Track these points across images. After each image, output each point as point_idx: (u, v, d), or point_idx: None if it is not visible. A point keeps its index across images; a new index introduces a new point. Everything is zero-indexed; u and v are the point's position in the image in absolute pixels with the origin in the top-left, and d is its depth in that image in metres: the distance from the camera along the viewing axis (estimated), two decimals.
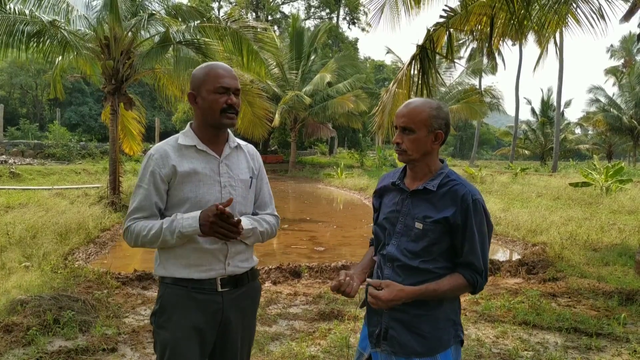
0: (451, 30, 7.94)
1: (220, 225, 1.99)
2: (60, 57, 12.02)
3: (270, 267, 6.82)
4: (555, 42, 9.84)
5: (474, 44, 33.13)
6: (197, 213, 2.03)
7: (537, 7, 7.45)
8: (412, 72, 8.04)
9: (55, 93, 13.85)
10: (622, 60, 50.44)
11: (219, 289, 2.13)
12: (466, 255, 1.97)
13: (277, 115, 26.50)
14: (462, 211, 1.95)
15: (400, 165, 2.22)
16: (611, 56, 51.90)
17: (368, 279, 2.05)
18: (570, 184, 17.10)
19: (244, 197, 2.23)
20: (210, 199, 2.12)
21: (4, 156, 24.42)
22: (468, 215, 1.95)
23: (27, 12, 10.40)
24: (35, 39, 10.71)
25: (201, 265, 2.10)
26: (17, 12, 10.23)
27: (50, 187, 15.50)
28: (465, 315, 5.07)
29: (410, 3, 8.51)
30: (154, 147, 2.18)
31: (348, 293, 2.01)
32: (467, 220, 1.95)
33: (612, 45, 52.67)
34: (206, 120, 2.16)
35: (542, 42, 9.46)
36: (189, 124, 2.25)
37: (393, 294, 1.92)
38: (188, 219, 2.02)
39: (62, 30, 10.76)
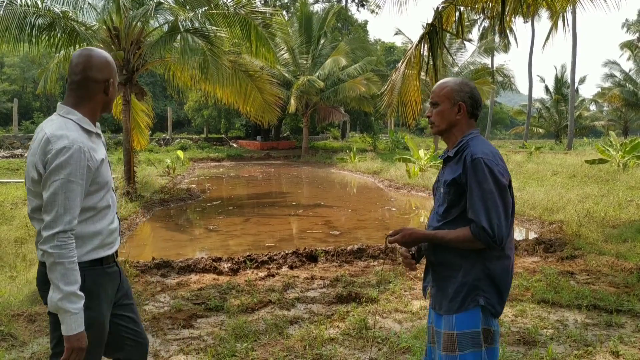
0: (461, 8, 7.82)
1: None
2: (62, 52, 11.99)
3: (286, 251, 6.85)
4: (570, 17, 9.67)
5: (486, 23, 32.73)
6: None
7: None
8: (421, 51, 7.95)
9: (49, 88, 13.81)
10: (637, 34, 49.36)
11: (116, 259, 2.31)
12: (468, 211, 2.10)
13: (292, 101, 26.38)
14: (465, 171, 2.11)
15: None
16: (627, 30, 50.81)
17: (390, 233, 2.25)
18: (586, 161, 16.88)
19: None
20: (110, 179, 2.22)
21: (19, 150, 24.72)
22: (468, 174, 2.09)
23: (39, 2, 10.38)
24: (46, 32, 10.75)
25: (112, 243, 2.25)
26: (27, 4, 10.21)
27: None
28: None
29: None
30: (74, 138, 2.00)
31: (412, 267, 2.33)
32: (467, 178, 2.10)
33: (627, 20, 51.57)
34: (103, 108, 2.23)
35: (554, 18, 9.28)
36: (69, 107, 2.11)
37: (405, 237, 2.18)
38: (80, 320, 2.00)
39: (72, 22, 10.78)
